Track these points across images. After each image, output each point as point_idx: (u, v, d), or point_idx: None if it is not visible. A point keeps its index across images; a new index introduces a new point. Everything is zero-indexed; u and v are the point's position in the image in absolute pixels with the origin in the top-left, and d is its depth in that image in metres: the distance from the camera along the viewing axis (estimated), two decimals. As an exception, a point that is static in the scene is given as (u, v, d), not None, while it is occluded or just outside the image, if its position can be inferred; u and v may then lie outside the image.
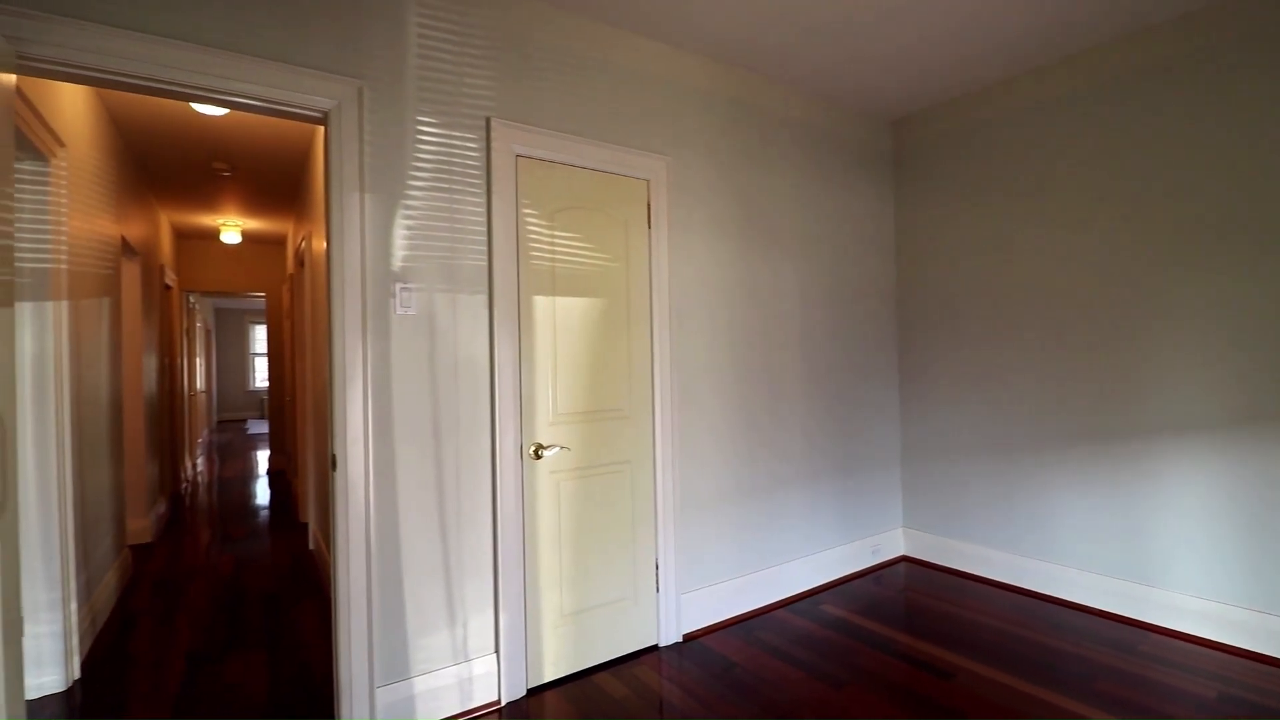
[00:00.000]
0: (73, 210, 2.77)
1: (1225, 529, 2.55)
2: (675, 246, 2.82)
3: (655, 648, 2.68)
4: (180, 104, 3.39)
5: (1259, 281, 2.46)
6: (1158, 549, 2.74)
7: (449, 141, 2.25)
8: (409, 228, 2.16)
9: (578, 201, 2.54)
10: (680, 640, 2.74)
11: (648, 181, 2.73)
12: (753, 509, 3.07)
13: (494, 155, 2.31)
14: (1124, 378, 2.83)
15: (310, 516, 4.29)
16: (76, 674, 2.56)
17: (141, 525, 4.48)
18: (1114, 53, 2.84)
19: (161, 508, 5.22)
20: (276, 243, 7.43)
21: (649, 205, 2.73)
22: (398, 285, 2.13)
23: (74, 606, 2.55)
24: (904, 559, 3.74)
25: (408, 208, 2.16)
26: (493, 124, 2.31)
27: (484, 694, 2.24)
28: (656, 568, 2.70)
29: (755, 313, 3.11)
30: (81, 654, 2.68)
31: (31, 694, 2.40)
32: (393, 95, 2.14)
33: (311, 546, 4.29)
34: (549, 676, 2.39)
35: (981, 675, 2.39)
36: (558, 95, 2.49)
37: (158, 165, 4.47)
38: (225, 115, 3.56)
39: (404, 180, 2.15)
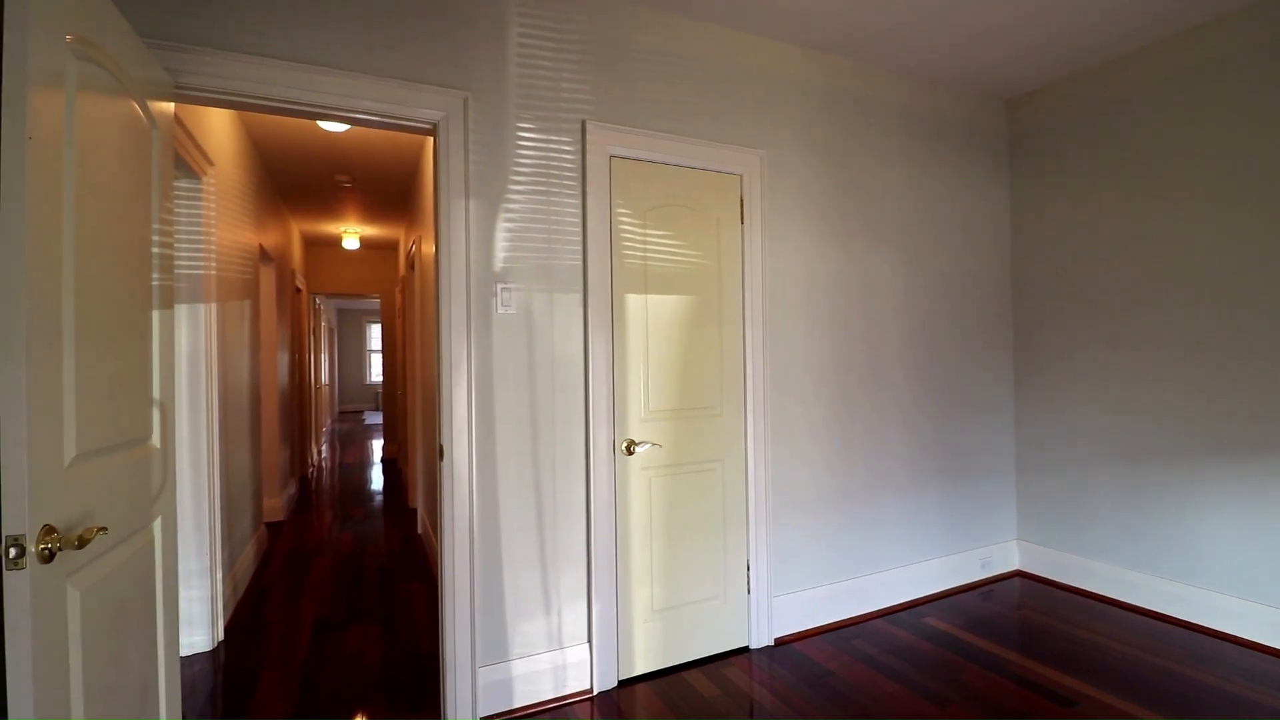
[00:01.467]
0: (220, 222, 3.11)
1: None
2: (769, 241, 2.77)
3: (746, 649, 2.64)
4: (309, 122, 3.72)
5: None
6: (1332, 578, 2.38)
7: (546, 145, 2.32)
8: (509, 230, 2.25)
9: (670, 199, 2.54)
10: (772, 644, 2.70)
11: (741, 176, 2.70)
12: (850, 513, 2.96)
13: (589, 157, 2.36)
14: (1289, 381, 2.48)
15: (419, 502, 4.58)
16: (221, 636, 2.87)
17: (275, 504, 4.96)
18: (1248, 19, 2.48)
19: (292, 489, 5.75)
20: (390, 248, 7.99)
21: (742, 200, 2.69)
22: (499, 285, 2.23)
23: (219, 575, 2.87)
24: (1018, 574, 3.47)
25: (508, 211, 2.25)
26: (588, 126, 2.36)
27: (577, 682, 2.31)
28: (748, 568, 2.66)
29: (855, 308, 2.99)
30: (225, 618, 3.01)
31: (183, 651, 2.72)
32: (495, 104, 2.24)
33: (420, 530, 4.58)
34: (639, 670, 2.42)
35: (1109, 705, 2.18)
36: (650, 94, 2.51)
37: (288, 178, 4.92)
38: (347, 131, 3.86)
39: (504, 184, 2.25)
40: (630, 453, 2.42)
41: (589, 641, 2.34)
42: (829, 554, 2.90)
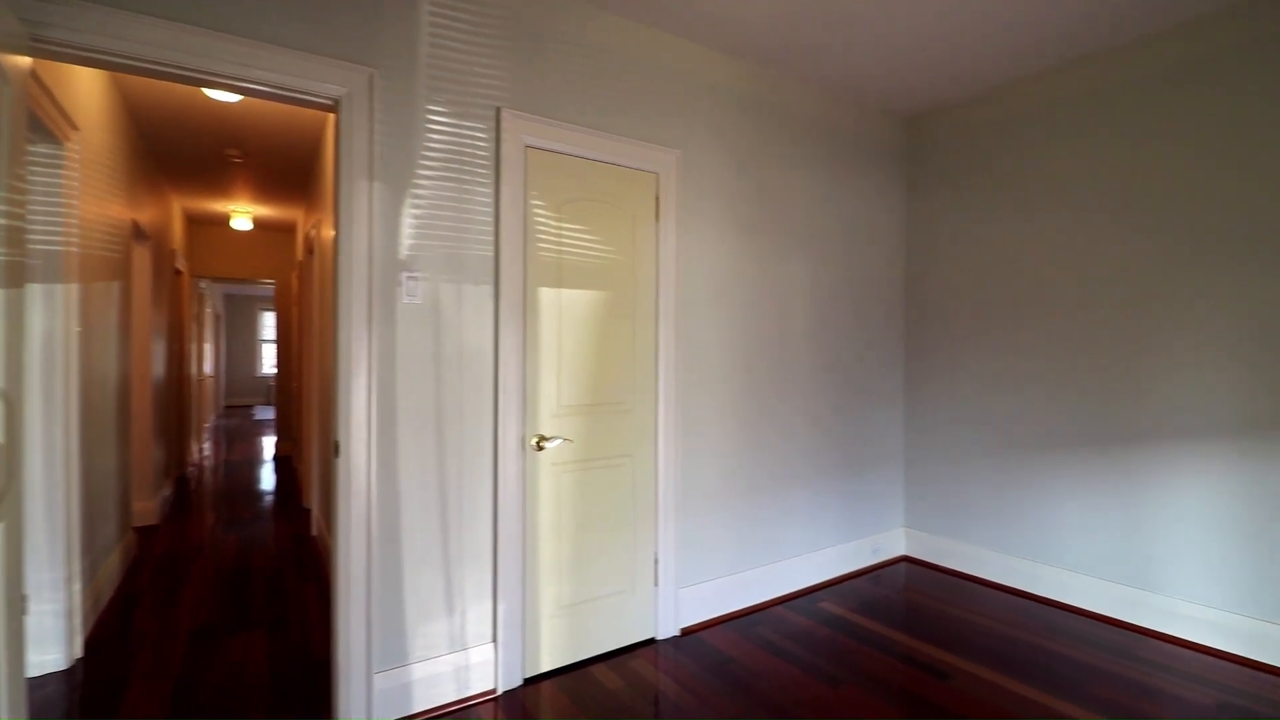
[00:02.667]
0: (84, 193, 2.79)
1: (1226, 536, 2.53)
2: (683, 240, 2.82)
3: (652, 641, 2.69)
4: (193, 89, 3.41)
5: (1270, 291, 2.44)
6: (1157, 554, 2.73)
7: (459, 131, 2.25)
8: (417, 217, 2.17)
9: (586, 193, 2.54)
10: (678, 634, 2.76)
11: (657, 175, 2.73)
12: (755, 505, 3.07)
13: (503, 146, 2.31)
14: (1129, 384, 2.82)
15: (314, 502, 4.32)
16: (79, 652, 2.59)
17: (147, 507, 4.53)
18: (1131, 54, 2.81)
19: (167, 491, 5.27)
20: (287, 230, 7.47)
21: (658, 198, 2.73)
22: (404, 274, 2.14)
23: (77, 586, 2.58)
24: (904, 559, 3.73)
25: (416, 197, 2.17)
26: (503, 114, 2.31)
27: (481, 682, 2.26)
28: (656, 561, 2.71)
29: (763, 308, 3.10)
30: (85, 633, 2.72)
31: (34, 671, 2.44)
32: (404, 84, 2.14)
33: (314, 532, 4.33)
34: (545, 666, 2.41)
35: (978, 676, 2.39)
36: (569, 87, 2.49)
37: (170, 150, 4.49)
38: (238, 102, 3.57)
39: (413, 169, 2.16)
40: (541, 448, 2.39)
41: (494, 641, 2.30)
42: (735, 544, 3.00)
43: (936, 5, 2.51)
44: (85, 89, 2.80)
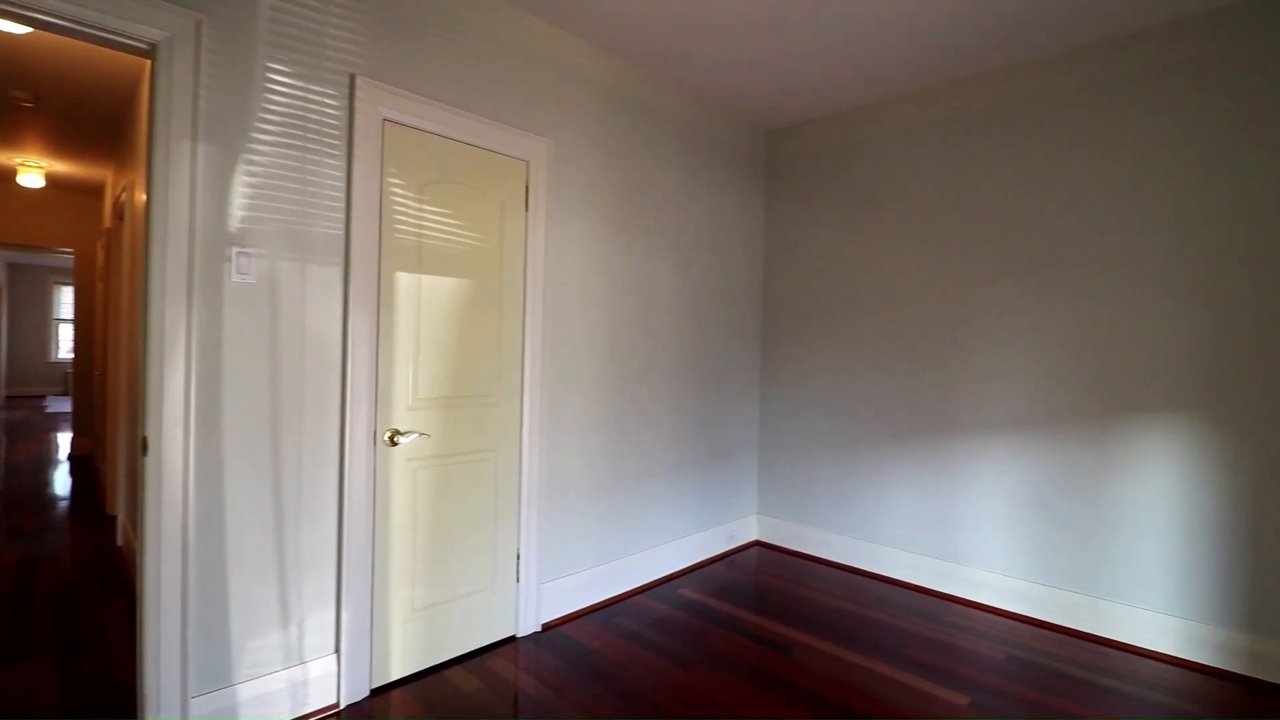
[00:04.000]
0: None
1: (1017, 513, 2.96)
2: (553, 232, 2.78)
3: (513, 639, 2.64)
4: (-42, 11, 2.81)
5: (1053, 307, 2.87)
6: (965, 530, 3.12)
7: (305, 95, 2.05)
8: (251, 186, 1.94)
9: (451, 176, 2.42)
10: (539, 630, 2.73)
11: (527, 163, 2.66)
12: (618, 498, 3.11)
13: (357, 116, 2.14)
14: (948, 382, 3.20)
15: (120, 508, 3.76)
16: None
17: (-112, 519, 3.69)
18: (973, 87, 3.17)
19: (-81, 497, 4.34)
20: (92, 192, 6.41)
21: (528, 187, 2.66)
22: (234, 249, 1.91)
23: None
24: (756, 543, 3.97)
25: (251, 164, 1.94)
26: (358, 82, 2.13)
27: (321, 697, 2.09)
28: (518, 557, 2.65)
29: (629, 304, 3.14)
30: None
31: None
32: (239, 35, 1.91)
33: (121, 542, 3.77)
34: (396, 675, 2.28)
35: (815, 649, 2.60)
36: (434, 62, 2.35)
37: (-74, 83, 3.68)
38: (29, 34, 3.00)
39: (247, 132, 1.93)
40: (394, 443, 2.25)
41: (336, 651, 2.13)
42: (599, 537, 3.02)
43: (793, 27, 2.67)
44: None
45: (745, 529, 3.92)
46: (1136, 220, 2.67)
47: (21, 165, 5.44)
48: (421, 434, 2.32)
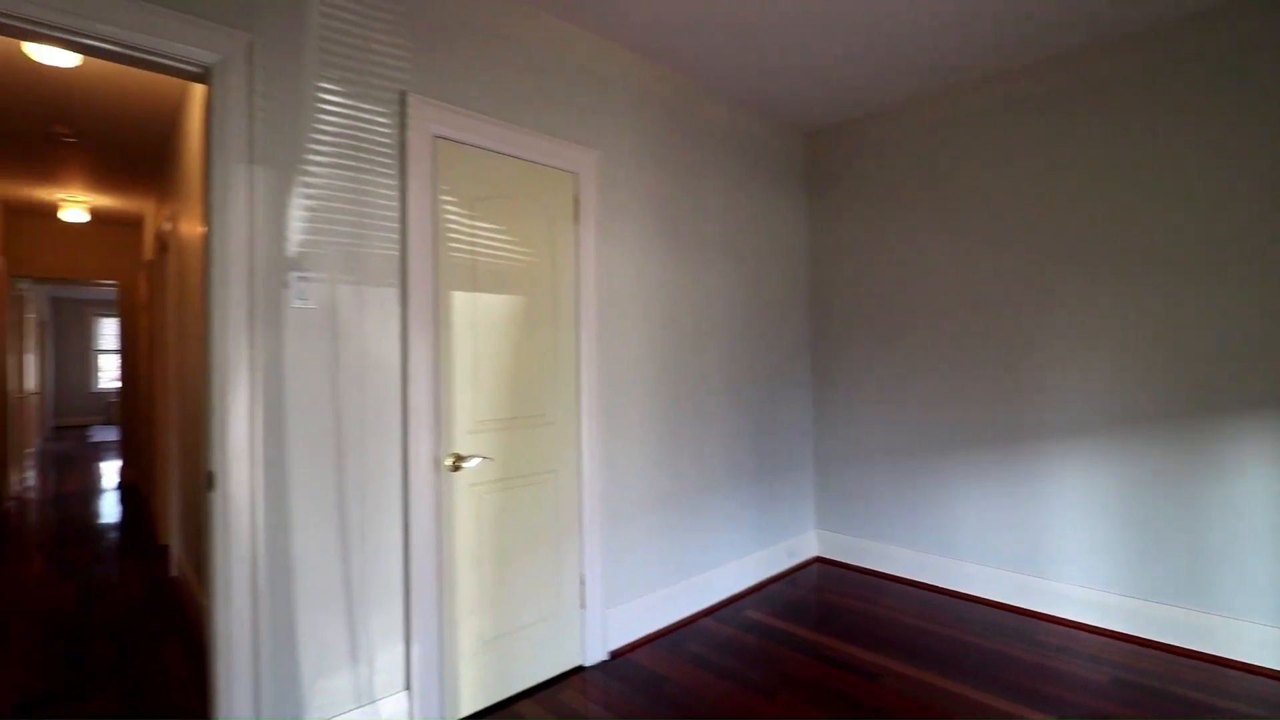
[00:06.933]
0: None
1: (1107, 524, 2.77)
2: (603, 244, 2.69)
3: (581, 669, 2.52)
4: (9, 46, 2.83)
5: (1138, 299, 2.70)
6: (1044, 541, 2.94)
7: (357, 114, 1.99)
8: (308, 209, 1.88)
9: (502, 191, 2.34)
10: (607, 658, 2.61)
11: (576, 175, 2.58)
12: (677, 517, 2.99)
13: (410, 134, 2.07)
14: (1019, 384, 3.02)
15: (173, 539, 3.74)
16: None
17: (-52, 555, 3.72)
18: (1020, 78, 3.03)
19: (-24, 532, 4.39)
20: (131, 224, 6.52)
21: (577, 199, 2.58)
22: (293, 274, 1.84)
23: None
24: (817, 560, 3.81)
25: (307, 186, 1.88)
26: (409, 100, 2.07)
27: (392, 737, 2.00)
28: (582, 582, 2.55)
29: (681, 316, 3.04)
30: None
31: None
32: (289, 55, 1.86)
33: (175, 573, 3.75)
34: (466, 711, 2.18)
35: (902, 674, 2.44)
36: (482, 75, 2.29)
37: (-24, 124, 3.74)
38: (71, 68, 3.01)
39: (301, 153, 1.87)
40: (457, 468, 2.16)
41: (407, 689, 2.04)
42: (660, 559, 2.90)
43: (836, 28, 2.56)
44: None
45: (805, 545, 3.76)
46: (1230, 205, 2.49)
47: (64, 201, 5.54)
48: (484, 457, 2.23)
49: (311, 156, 1.89)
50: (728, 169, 3.30)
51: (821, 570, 3.64)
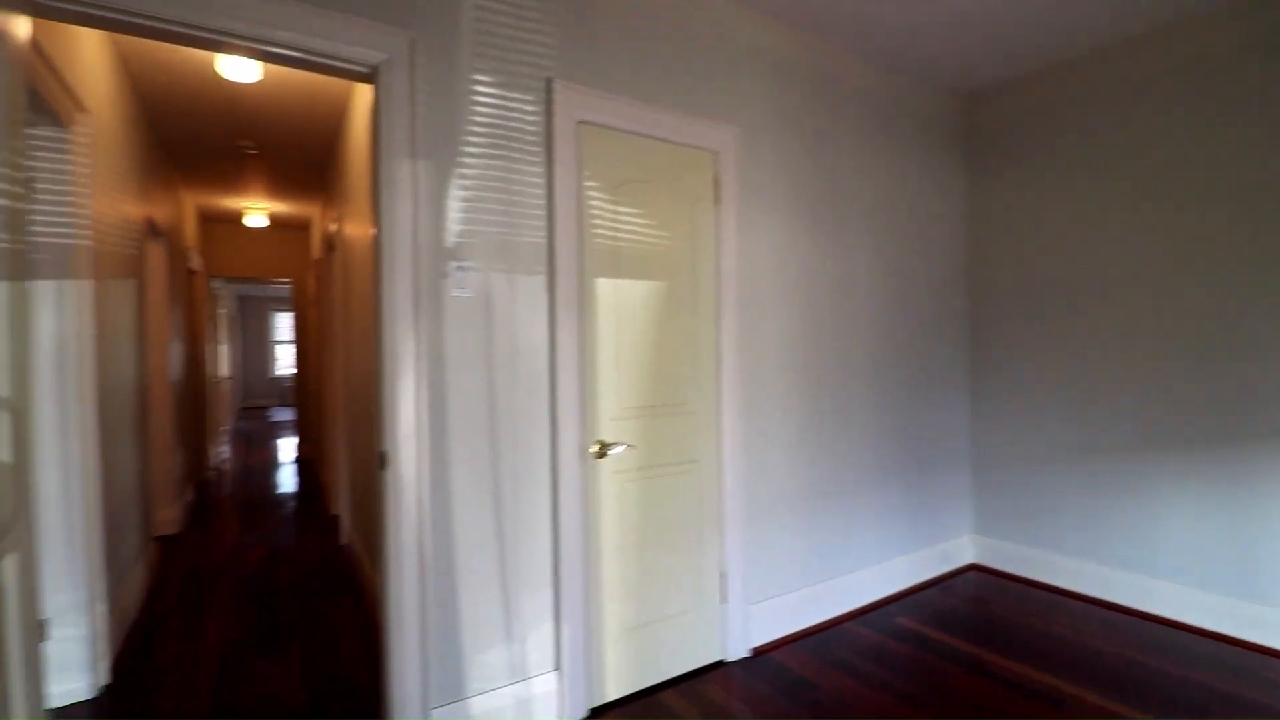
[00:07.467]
0: (95, 183, 2.58)
1: (1367, 544, 2.27)
2: (743, 226, 2.57)
3: (722, 663, 2.46)
4: (205, 70, 3.19)
5: None
6: (1274, 567, 2.46)
7: (506, 103, 2.02)
8: (464, 200, 1.94)
9: (643, 174, 2.30)
10: (749, 655, 2.52)
11: (716, 154, 2.48)
12: (822, 512, 2.83)
13: (556, 120, 2.07)
14: (1240, 381, 2.54)
15: (343, 509, 4.12)
16: (105, 679, 2.40)
17: (169, 515, 4.35)
18: (1207, 26, 2.52)
19: (189, 496, 5.10)
20: (300, 227, 7.27)
21: (717, 179, 2.48)
22: (453, 264, 1.91)
23: (101, 608, 2.39)
24: (973, 567, 3.48)
25: (462, 177, 1.93)
26: (555, 86, 2.07)
27: (544, 714, 2.04)
28: (723, 576, 2.47)
29: (823, 300, 2.85)
30: (111, 657, 2.52)
31: (58, 701, 2.24)
32: (446, 49, 1.91)
33: (344, 541, 4.13)
34: (612, 695, 2.18)
35: (1092, 704, 2.14)
36: (622, 56, 2.24)
37: (181, 141, 4.29)
38: (252, 85, 3.35)
39: (457, 146, 1.93)
40: (602, 455, 2.16)
41: (557, 669, 2.07)
42: (803, 556, 2.76)
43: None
44: (91, 68, 2.59)
45: (959, 550, 3.45)
46: None
47: (248, 208, 6.27)
48: (628, 445, 2.21)
49: (466, 148, 1.94)
50: (872, 140, 3.05)
51: (979, 579, 3.32)
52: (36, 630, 1.34)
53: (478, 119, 1.97)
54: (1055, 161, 3.12)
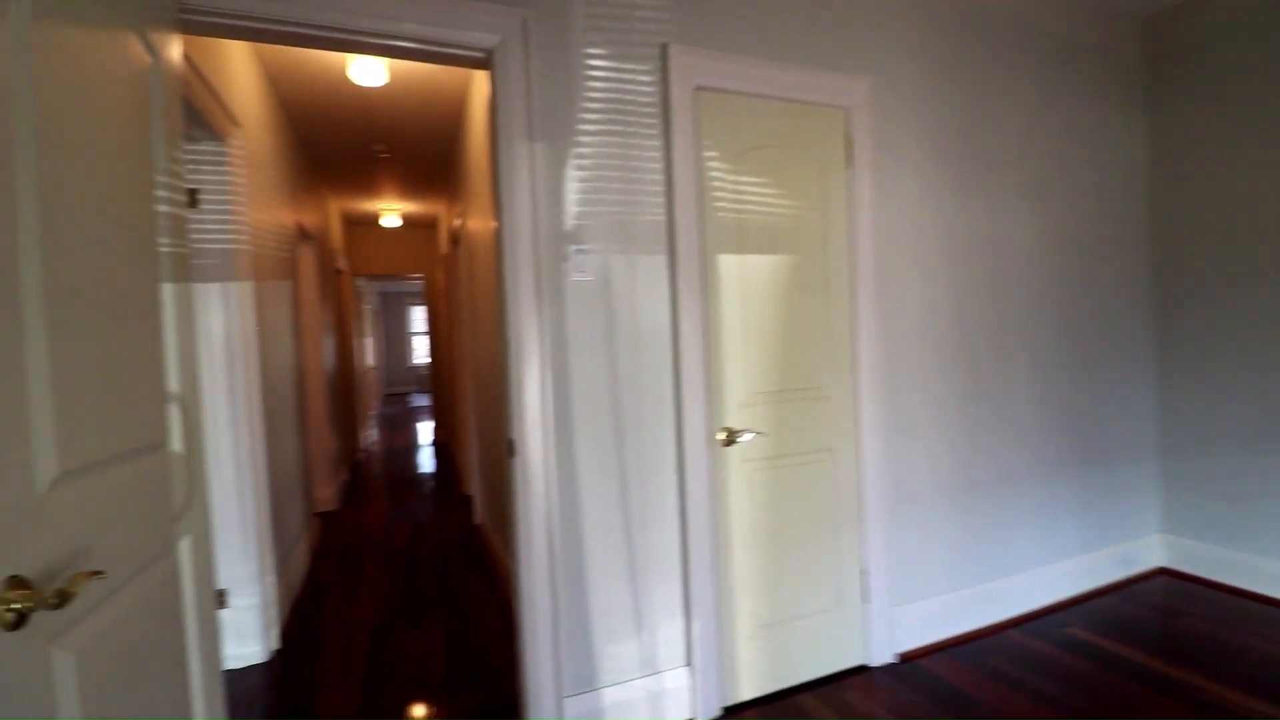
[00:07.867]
0: (251, 192, 2.81)
1: None
2: (879, 190, 2.32)
3: (865, 668, 2.27)
4: (339, 77, 3.38)
5: None
6: None
7: (620, 75, 1.92)
8: (581, 180, 1.87)
9: (765, 139, 2.12)
10: (895, 661, 2.31)
11: (847, 110, 2.25)
12: (975, 508, 2.53)
13: (672, 89, 1.95)
14: None
15: (475, 491, 4.32)
16: (276, 644, 2.64)
17: (327, 494, 4.78)
18: None
19: (343, 476, 5.60)
20: (428, 225, 7.71)
21: (849, 138, 2.25)
22: (572, 248, 1.85)
23: (271, 579, 2.63)
24: (1162, 571, 2.99)
25: (579, 157, 1.87)
26: (670, 51, 1.95)
27: (676, 711, 1.97)
28: (863, 574, 2.27)
29: (975, 267, 2.53)
30: (281, 624, 2.78)
31: (236, 664, 2.50)
32: (557, 25, 1.84)
33: (477, 520, 4.33)
34: (746, 695, 2.08)
35: (1346, 751, 1.74)
36: (740, 10, 2.07)
37: (323, 149, 4.62)
38: (380, 89, 3.52)
39: (573, 124, 1.86)
40: (730, 443, 2.04)
41: (689, 664, 2.00)
42: (953, 556, 2.48)
43: None
44: (241, 84, 2.80)
45: (1142, 552, 2.97)
46: None
47: (384, 209, 6.72)
48: (757, 432, 2.07)
49: (581, 126, 1.88)
50: (1028, 81, 2.65)
51: (1168, 585, 2.85)
52: (212, 602, 1.45)
53: (592, 95, 1.89)
54: (1261, 94, 2.55)
